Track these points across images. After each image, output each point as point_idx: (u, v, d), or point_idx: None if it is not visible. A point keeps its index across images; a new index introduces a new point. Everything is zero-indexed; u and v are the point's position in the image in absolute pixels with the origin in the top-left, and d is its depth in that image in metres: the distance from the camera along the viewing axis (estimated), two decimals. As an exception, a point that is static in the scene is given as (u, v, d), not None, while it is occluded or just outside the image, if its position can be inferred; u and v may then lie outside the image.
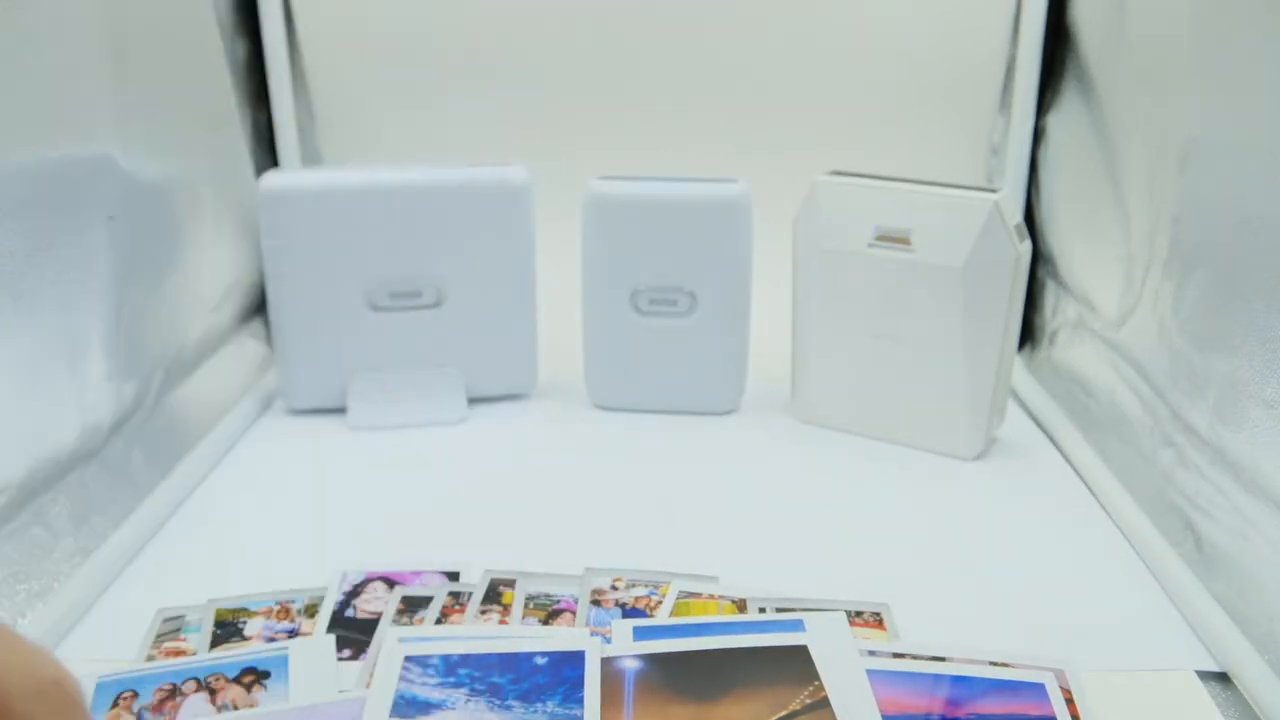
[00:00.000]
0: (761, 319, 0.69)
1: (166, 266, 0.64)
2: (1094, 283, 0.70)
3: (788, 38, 0.83)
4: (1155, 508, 0.56)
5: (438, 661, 0.43)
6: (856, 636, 0.46)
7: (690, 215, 0.65)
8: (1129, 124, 0.65)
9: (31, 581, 0.48)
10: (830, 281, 0.64)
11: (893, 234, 0.61)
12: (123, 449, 0.58)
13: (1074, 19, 0.76)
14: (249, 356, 0.77)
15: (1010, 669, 0.44)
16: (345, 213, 0.66)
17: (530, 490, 0.61)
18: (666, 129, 0.84)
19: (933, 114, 0.83)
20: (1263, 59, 0.48)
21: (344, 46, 0.82)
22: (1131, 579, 0.52)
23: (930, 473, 0.63)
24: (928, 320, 0.62)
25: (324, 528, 0.57)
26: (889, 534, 0.56)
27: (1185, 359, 0.55)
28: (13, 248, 0.48)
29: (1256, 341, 0.47)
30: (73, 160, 0.53)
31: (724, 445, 0.67)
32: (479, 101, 0.84)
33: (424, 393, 0.70)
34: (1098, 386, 0.67)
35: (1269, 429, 0.46)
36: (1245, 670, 0.44)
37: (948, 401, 0.63)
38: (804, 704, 0.41)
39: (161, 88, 0.64)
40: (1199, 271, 0.54)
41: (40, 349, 0.50)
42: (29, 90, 0.49)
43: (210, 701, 0.42)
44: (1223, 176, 0.52)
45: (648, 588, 0.50)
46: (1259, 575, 0.46)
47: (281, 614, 0.48)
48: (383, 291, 0.68)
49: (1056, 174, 0.79)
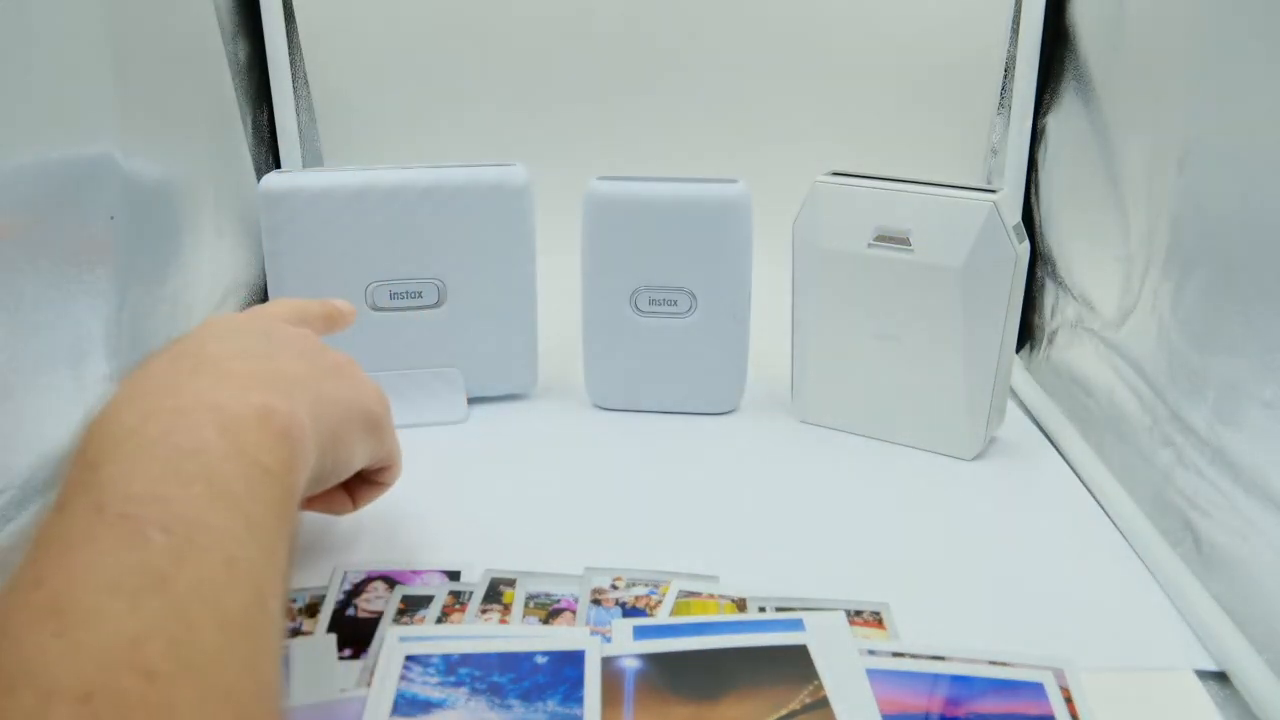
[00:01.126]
0: (761, 319, 0.69)
1: (167, 266, 0.65)
2: (1093, 283, 0.70)
3: (787, 38, 0.83)
4: (1154, 508, 0.56)
5: (438, 661, 0.43)
6: (856, 636, 0.46)
7: (690, 215, 0.65)
8: (1129, 124, 0.65)
9: (32, 581, 0.48)
10: (830, 282, 0.64)
11: (892, 234, 0.61)
12: (123, 449, 0.58)
13: (1073, 19, 0.76)
14: (249, 356, 0.77)
15: (1009, 668, 0.44)
16: (345, 213, 0.66)
17: (530, 490, 0.61)
18: (666, 129, 0.85)
19: (933, 114, 0.83)
20: (1262, 60, 0.48)
21: (344, 46, 0.82)
22: (1130, 579, 0.52)
23: (929, 473, 0.63)
24: (927, 320, 0.62)
25: (324, 528, 0.57)
26: (888, 534, 0.56)
27: (1184, 359, 0.55)
28: (13, 248, 0.48)
29: (1256, 341, 0.47)
30: (73, 160, 0.53)
31: (724, 445, 0.67)
32: (479, 101, 0.84)
33: (424, 393, 0.70)
34: (1097, 386, 0.67)
35: (1269, 429, 0.46)
36: (1244, 670, 0.44)
37: (947, 402, 0.63)
38: (804, 704, 0.41)
39: (162, 88, 0.64)
40: (1199, 271, 0.54)
41: (40, 349, 0.50)
42: (30, 90, 0.49)
43: (211, 701, 0.42)
44: (1222, 176, 0.52)
45: (648, 587, 0.50)
46: (1258, 575, 0.46)
47: (282, 613, 0.48)
48: (383, 291, 0.68)
49: (1056, 174, 0.79)
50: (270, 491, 0.34)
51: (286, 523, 0.34)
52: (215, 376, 0.37)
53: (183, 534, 0.29)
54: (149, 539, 0.29)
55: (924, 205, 0.60)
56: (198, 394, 0.35)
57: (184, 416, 0.34)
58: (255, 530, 0.32)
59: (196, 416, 0.34)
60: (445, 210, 0.66)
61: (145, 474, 0.31)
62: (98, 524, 0.29)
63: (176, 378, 0.37)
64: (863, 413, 0.67)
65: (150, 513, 0.29)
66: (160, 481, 0.31)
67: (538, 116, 0.84)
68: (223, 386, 0.36)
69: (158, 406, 0.34)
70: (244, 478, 0.33)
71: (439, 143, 0.85)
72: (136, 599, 0.27)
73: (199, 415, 0.34)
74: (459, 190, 0.66)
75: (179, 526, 0.29)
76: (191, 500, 0.31)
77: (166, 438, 0.33)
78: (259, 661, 0.29)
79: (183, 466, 0.32)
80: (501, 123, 0.84)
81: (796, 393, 0.69)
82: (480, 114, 0.84)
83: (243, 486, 0.32)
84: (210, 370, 0.38)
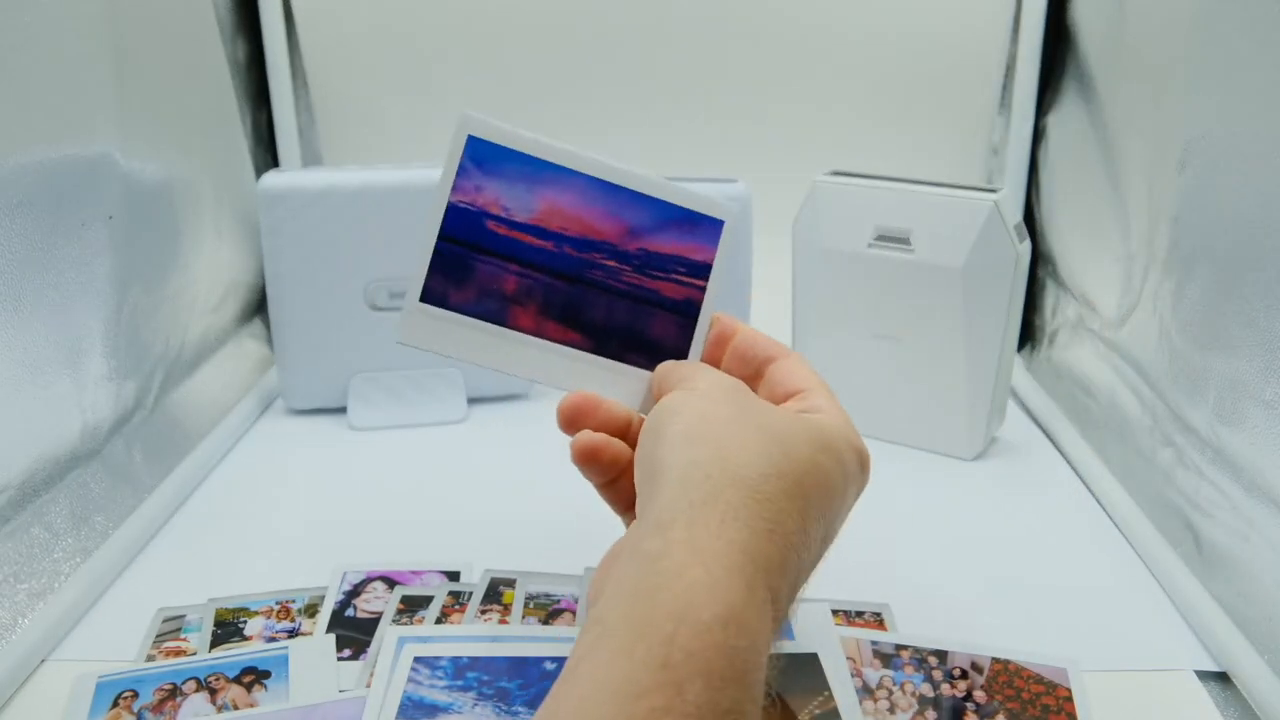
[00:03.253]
0: (761, 320, 0.69)
1: (166, 266, 0.64)
2: (1094, 283, 0.70)
3: (788, 38, 0.83)
4: (1155, 508, 0.56)
5: (446, 664, 0.43)
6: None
7: (690, 215, 0.65)
8: (1129, 124, 0.65)
9: (31, 581, 0.48)
10: (830, 281, 0.64)
11: (892, 234, 0.61)
12: (123, 449, 0.58)
13: (1074, 19, 0.76)
14: (249, 356, 0.77)
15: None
16: (345, 213, 0.66)
17: (530, 490, 0.61)
18: (666, 129, 0.84)
19: (933, 114, 0.83)
20: (1262, 60, 0.48)
21: (344, 46, 0.82)
22: (1131, 579, 0.52)
23: (930, 473, 0.63)
24: (927, 320, 0.62)
25: (324, 528, 0.57)
26: (889, 534, 0.56)
27: (1185, 359, 0.55)
28: (13, 248, 0.48)
29: (1256, 341, 0.47)
30: (73, 160, 0.53)
31: (724, 445, 0.67)
32: (479, 102, 0.84)
33: (424, 393, 0.70)
34: (1097, 386, 0.67)
35: (1269, 429, 0.46)
36: (1245, 670, 0.44)
37: (948, 401, 0.63)
38: (813, 715, 0.41)
39: (161, 88, 0.64)
40: (1199, 271, 0.54)
41: (40, 349, 0.50)
42: (29, 90, 0.49)
43: (210, 701, 0.42)
44: (1223, 176, 0.52)
45: (648, 587, 0.50)
46: (1259, 575, 0.46)
47: (281, 614, 0.48)
48: (383, 291, 0.68)
49: (1056, 174, 0.79)
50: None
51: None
52: (744, 579, 0.30)
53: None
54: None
55: (924, 205, 0.60)
56: (738, 601, 0.29)
57: (729, 637, 0.29)
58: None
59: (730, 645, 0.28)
60: (445, 210, 0.66)
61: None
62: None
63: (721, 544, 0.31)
64: (863, 413, 0.66)
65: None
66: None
67: (537, 116, 0.84)
68: (748, 595, 0.30)
69: (731, 618, 0.29)
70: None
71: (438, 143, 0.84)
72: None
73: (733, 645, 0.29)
74: (459, 190, 0.66)
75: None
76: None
77: (731, 660, 0.28)
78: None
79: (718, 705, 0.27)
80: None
81: (797, 393, 0.69)
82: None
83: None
84: (742, 565, 0.30)
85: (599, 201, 0.41)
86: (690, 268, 0.42)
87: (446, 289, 0.40)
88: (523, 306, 0.41)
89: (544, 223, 0.41)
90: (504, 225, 0.41)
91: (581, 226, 0.41)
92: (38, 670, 0.44)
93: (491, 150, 0.41)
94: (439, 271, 0.40)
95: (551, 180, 0.41)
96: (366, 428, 0.68)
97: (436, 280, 0.40)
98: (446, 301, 0.40)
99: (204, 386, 0.69)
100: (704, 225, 0.42)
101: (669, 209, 0.42)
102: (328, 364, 0.69)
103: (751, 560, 0.31)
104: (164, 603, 0.49)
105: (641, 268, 0.41)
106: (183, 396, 0.66)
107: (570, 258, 0.41)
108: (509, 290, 0.41)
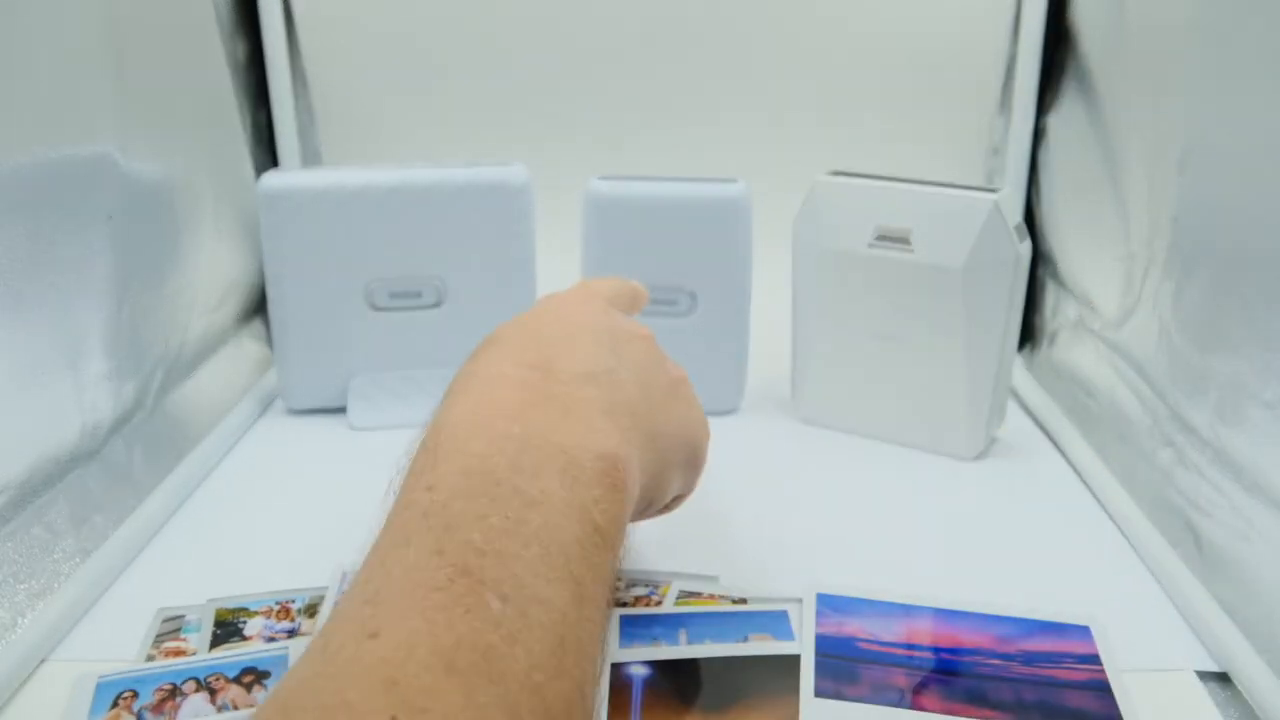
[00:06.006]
0: (761, 319, 0.69)
1: (166, 266, 0.64)
2: (1094, 283, 0.70)
3: (788, 38, 0.83)
4: (1155, 508, 0.56)
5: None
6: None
7: (690, 215, 0.65)
8: (1129, 124, 0.65)
9: (31, 581, 0.48)
10: (830, 282, 0.64)
11: (893, 234, 0.61)
12: (123, 449, 0.58)
13: (1074, 19, 0.76)
14: (249, 356, 0.77)
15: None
16: (345, 213, 0.66)
17: (530, 490, 0.61)
18: (666, 129, 0.84)
19: (933, 114, 0.83)
20: (1263, 60, 0.48)
21: (344, 46, 0.82)
22: (1131, 579, 0.52)
23: (930, 473, 0.63)
24: (927, 320, 0.62)
25: (324, 528, 0.56)
26: (889, 534, 0.56)
27: (1185, 359, 0.55)
28: (13, 248, 0.48)
29: (1256, 342, 0.47)
30: (73, 160, 0.53)
31: (724, 445, 0.66)
32: (479, 101, 0.84)
33: (424, 393, 0.69)
34: (1098, 386, 0.67)
35: (1269, 429, 0.46)
36: (1245, 670, 0.44)
37: (948, 401, 0.63)
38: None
39: (161, 88, 0.64)
40: (1199, 271, 0.54)
41: (40, 349, 0.50)
42: (29, 90, 0.49)
43: (210, 701, 0.42)
44: (1223, 176, 0.52)
45: (647, 587, 0.50)
46: (1259, 575, 0.46)
47: (281, 614, 0.48)
48: (383, 291, 0.68)
49: (1056, 174, 0.79)
50: (600, 555, 0.31)
51: (609, 590, 0.32)
52: (562, 408, 0.34)
53: (518, 605, 0.27)
54: (487, 606, 0.27)
55: (925, 204, 0.60)
56: (544, 429, 0.33)
57: (528, 454, 0.32)
58: (583, 605, 0.29)
59: (540, 457, 0.32)
60: (445, 210, 0.66)
61: (486, 522, 0.29)
62: (437, 572, 0.27)
63: (524, 397, 0.34)
64: (863, 413, 0.67)
65: (490, 573, 0.27)
66: (501, 536, 0.29)
67: (538, 116, 0.84)
68: (568, 423, 0.34)
69: (505, 434, 0.32)
70: (578, 541, 0.30)
71: (439, 142, 0.85)
72: (471, 686, 0.25)
73: (542, 456, 0.32)
74: (459, 190, 0.66)
75: (516, 595, 0.27)
76: (529, 563, 0.28)
77: (510, 479, 0.31)
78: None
79: (524, 520, 0.29)
80: (501, 123, 0.84)
81: (797, 393, 0.69)
82: (480, 114, 0.84)
83: (576, 551, 0.30)
84: (558, 399, 0.35)
85: (956, 623, 0.46)
86: (1078, 658, 0.44)
87: (840, 688, 0.42)
88: (922, 695, 0.42)
89: (912, 640, 0.45)
90: (875, 644, 0.44)
91: (951, 641, 0.45)
92: (37, 670, 0.44)
93: (839, 600, 0.47)
94: (827, 675, 0.42)
95: (902, 615, 0.46)
96: (366, 428, 0.68)
97: (826, 682, 0.42)
98: (843, 696, 0.41)
99: (204, 386, 0.69)
100: (1070, 631, 0.45)
101: (1029, 623, 0.45)
102: (327, 364, 0.69)
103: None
104: (163, 603, 0.49)
105: (1029, 662, 0.43)
106: (183, 396, 0.66)
107: (952, 661, 0.43)
108: (902, 685, 0.42)
